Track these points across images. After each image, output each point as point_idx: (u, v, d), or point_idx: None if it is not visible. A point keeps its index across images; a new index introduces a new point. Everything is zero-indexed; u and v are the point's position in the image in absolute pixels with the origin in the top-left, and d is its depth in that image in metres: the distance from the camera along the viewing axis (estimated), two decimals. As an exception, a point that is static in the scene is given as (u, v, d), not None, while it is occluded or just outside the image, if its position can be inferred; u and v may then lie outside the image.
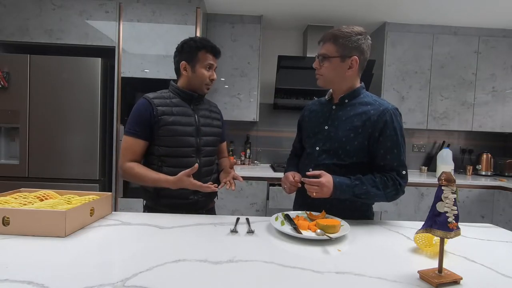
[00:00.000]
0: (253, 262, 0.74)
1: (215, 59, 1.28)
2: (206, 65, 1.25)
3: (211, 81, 1.28)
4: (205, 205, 1.32)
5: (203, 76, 1.25)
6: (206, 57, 1.24)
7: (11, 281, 0.61)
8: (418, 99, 2.86)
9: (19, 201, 0.97)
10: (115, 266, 0.70)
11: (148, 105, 1.21)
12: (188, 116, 1.26)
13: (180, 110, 1.25)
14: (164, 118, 1.20)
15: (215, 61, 1.28)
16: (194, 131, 1.25)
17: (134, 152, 1.21)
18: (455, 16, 2.64)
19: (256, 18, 2.76)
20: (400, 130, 1.09)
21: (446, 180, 0.68)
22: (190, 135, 1.24)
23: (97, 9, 2.34)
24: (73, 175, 2.25)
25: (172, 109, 1.23)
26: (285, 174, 1.23)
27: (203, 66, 1.25)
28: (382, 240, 0.95)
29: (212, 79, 1.28)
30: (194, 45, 1.24)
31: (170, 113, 1.22)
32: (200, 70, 1.25)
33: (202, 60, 1.24)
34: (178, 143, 1.22)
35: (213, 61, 1.27)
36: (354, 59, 1.08)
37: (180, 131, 1.22)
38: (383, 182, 1.07)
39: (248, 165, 2.99)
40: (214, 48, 1.26)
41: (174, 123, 1.21)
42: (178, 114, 1.24)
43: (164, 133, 1.20)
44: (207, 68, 1.26)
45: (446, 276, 0.67)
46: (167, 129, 1.20)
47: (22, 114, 2.22)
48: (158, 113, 1.20)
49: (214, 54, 1.27)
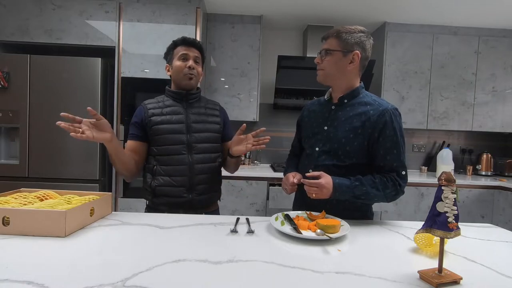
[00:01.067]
0: (253, 262, 0.74)
1: (190, 49, 1.29)
2: (180, 57, 1.28)
3: (189, 69, 1.27)
4: (204, 205, 1.31)
5: (179, 66, 1.28)
6: (179, 50, 1.29)
7: (11, 281, 0.61)
8: (418, 99, 2.86)
9: (19, 201, 0.97)
10: (115, 266, 0.70)
11: (141, 109, 1.30)
12: (178, 114, 1.29)
13: (171, 110, 1.29)
14: (153, 119, 1.26)
15: (191, 50, 1.29)
16: (184, 128, 1.27)
17: (132, 151, 1.27)
18: (455, 16, 2.64)
19: (256, 18, 2.76)
20: (399, 130, 1.09)
21: (446, 180, 0.68)
22: (180, 132, 1.26)
23: (97, 9, 2.34)
24: (73, 175, 2.25)
25: (162, 110, 1.29)
26: (285, 175, 1.23)
27: (178, 58, 1.28)
28: (382, 240, 0.95)
29: (189, 66, 1.27)
30: (170, 45, 1.32)
31: (160, 113, 1.28)
32: (176, 63, 1.29)
33: (176, 54, 1.29)
34: (167, 141, 1.25)
35: (187, 51, 1.28)
36: (356, 54, 1.09)
37: (168, 129, 1.26)
38: (382, 183, 1.07)
39: (248, 165, 2.99)
40: (184, 40, 1.30)
41: (163, 122, 1.26)
42: (168, 113, 1.28)
43: (154, 132, 1.26)
44: (182, 59, 1.28)
45: (446, 276, 0.67)
46: (156, 128, 1.26)
47: (22, 114, 2.22)
48: (149, 114, 1.27)
49: (186, 45, 1.29)
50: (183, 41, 1.30)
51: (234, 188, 2.52)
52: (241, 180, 2.51)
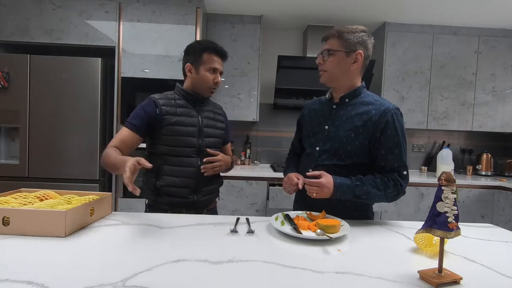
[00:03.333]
0: (253, 262, 0.74)
1: (221, 62, 1.28)
2: (210, 68, 1.25)
3: (215, 84, 1.27)
4: (206, 205, 1.33)
5: (207, 79, 1.25)
6: (210, 58, 1.25)
7: (11, 281, 0.61)
8: (418, 99, 2.86)
9: (19, 201, 0.97)
10: (115, 266, 0.70)
11: (153, 104, 1.23)
12: (191, 117, 1.27)
13: (184, 111, 1.26)
14: (167, 118, 1.22)
15: (221, 64, 1.28)
16: (196, 131, 1.26)
17: (123, 142, 1.19)
18: (455, 16, 2.64)
19: (256, 18, 2.76)
20: (401, 130, 1.09)
21: (446, 180, 0.68)
22: (192, 136, 1.25)
23: (97, 9, 2.34)
24: (73, 175, 2.25)
25: (176, 110, 1.25)
26: (287, 175, 1.19)
27: (207, 69, 1.25)
28: (382, 240, 0.95)
29: (216, 82, 1.27)
30: (199, 46, 1.26)
31: (174, 113, 1.24)
32: (204, 72, 1.25)
33: (206, 62, 1.24)
34: (179, 143, 1.23)
35: (218, 64, 1.27)
36: (359, 53, 1.08)
37: (182, 131, 1.23)
38: (383, 183, 1.06)
39: (248, 165, 2.99)
40: (219, 50, 1.26)
41: (177, 123, 1.23)
42: (182, 114, 1.25)
43: (167, 132, 1.22)
44: (211, 71, 1.25)
45: (446, 276, 0.67)
46: (170, 128, 1.22)
47: (22, 114, 2.22)
48: (163, 112, 1.22)
49: (219, 55, 1.27)
50: (215, 50, 1.25)
51: (234, 188, 2.52)
52: (241, 180, 2.51)
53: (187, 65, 1.27)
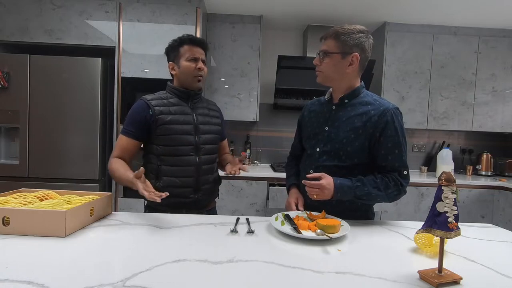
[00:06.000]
0: (253, 262, 0.74)
1: (201, 52, 1.27)
2: (189, 57, 1.24)
3: (198, 70, 1.26)
4: (206, 205, 1.33)
5: (188, 67, 1.24)
6: (187, 49, 1.25)
7: (11, 281, 0.61)
8: (418, 99, 2.86)
9: (19, 201, 0.97)
10: (115, 266, 0.70)
11: (145, 106, 1.22)
12: (186, 114, 1.26)
13: (178, 109, 1.25)
14: (161, 118, 1.21)
15: (201, 53, 1.27)
16: (192, 129, 1.25)
17: (124, 150, 1.21)
18: (455, 16, 2.64)
19: (256, 18, 2.76)
20: (401, 130, 1.09)
21: (446, 180, 0.68)
22: (189, 134, 1.24)
23: (97, 9, 2.34)
24: (73, 175, 2.25)
25: (170, 109, 1.24)
26: (287, 199, 1.24)
27: (187, 59, 1.24)
28: (382, 240, 0.95)
29: (199, 68, 1.25)
30: (175, 43, 1.27)
31: (168, 112, 1.23)
32: (184, 63, 1.24)
33: (183, 54, 1.25)
34: (176, 141, 1.22)
35: (198, 54, 1.26)
36: (355, 56, 1.08)
37: (178, 129, 1.22)
38: (384, 183, 1.06)
39: (248, 165, 2.98)
40: (195, 40, 1.26)
41: (172, 122, 1.22)
42: (176, 113, 1.24)
43: (162, 132, 1.21)
44: (192, 61, 1.25)
45: (446, 276, 0.67)
46: (165, 128, 1.21)
47: (22, 114, 2.22)
48: (156, 112, 1.21)
49: (196, 45, 1.26)
50: (190, 40, 1.26)
51: (234, 188, 2.52)
52: (241, 180, 2.51)
53: (169, 64, 1.29)
